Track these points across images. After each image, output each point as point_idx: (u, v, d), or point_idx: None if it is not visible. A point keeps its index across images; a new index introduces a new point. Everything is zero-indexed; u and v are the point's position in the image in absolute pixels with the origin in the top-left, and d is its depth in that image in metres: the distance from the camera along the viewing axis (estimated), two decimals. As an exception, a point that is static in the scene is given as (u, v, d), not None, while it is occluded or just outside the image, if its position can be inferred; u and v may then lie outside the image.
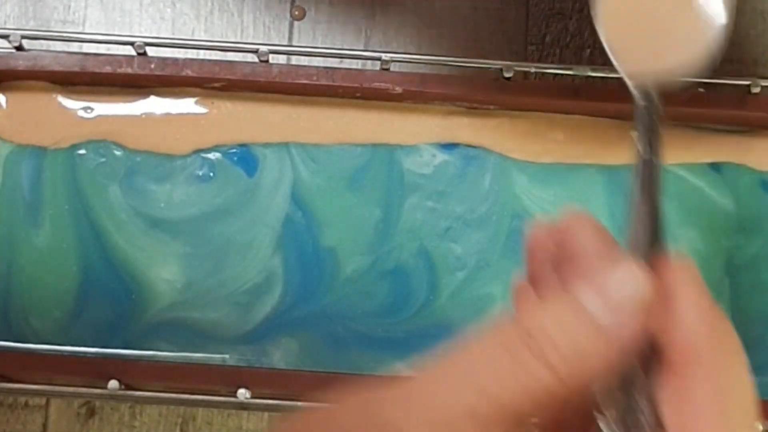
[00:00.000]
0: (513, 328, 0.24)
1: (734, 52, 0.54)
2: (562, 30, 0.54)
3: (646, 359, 0.25)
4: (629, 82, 0.33)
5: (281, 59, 0.49)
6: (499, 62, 0.48)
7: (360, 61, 0.50)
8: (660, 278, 0.25)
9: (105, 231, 0.47)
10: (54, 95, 0.48)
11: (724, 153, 0.49)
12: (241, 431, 0.50)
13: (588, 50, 0.54)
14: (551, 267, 0.28)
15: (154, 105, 0.49)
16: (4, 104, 0.48)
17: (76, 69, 0.47)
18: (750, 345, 0.47)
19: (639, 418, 0.24)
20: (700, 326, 0.24)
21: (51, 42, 0.50)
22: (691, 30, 0.34)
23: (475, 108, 0.49)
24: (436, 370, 0.24)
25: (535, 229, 0.29)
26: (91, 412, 0.50)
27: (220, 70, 0.47)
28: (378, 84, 0.47)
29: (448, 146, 0.49)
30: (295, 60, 0.50)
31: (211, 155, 0.49)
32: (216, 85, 0.48)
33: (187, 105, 0.49)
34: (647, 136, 0.30)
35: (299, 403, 0.45)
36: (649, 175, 0.28)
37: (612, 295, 0.24)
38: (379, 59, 0.47)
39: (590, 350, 0.23)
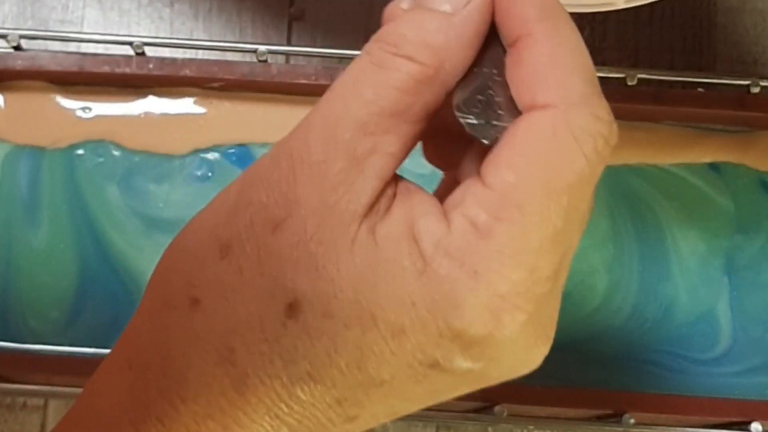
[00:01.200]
0: (373, 43, 0.26)
1: (734, 52, 0.54)
2: (561, 29, 0.54)
3: (491, 51, 0.26)
4: None
5: (280, 59, 0.49)
6: (499, 62, 0.48)
7: (359, 61, 0.50)
8: None
9: (103, 231, 0.47)
10: (52, 95, 0.48)
11: (724, 153, 0.49)
12: None
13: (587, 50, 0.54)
14: None
15: (153, 105, 0.49)
16: (2, 104, 0.48)
17: (75, 69, 0.47)
18: (750, 345, 0.47)
19: (495, 106, 0.26)
20: (526, 3, 0.26)
21: (49, 42, 0.50)
22: None
23: (475, 108, 0.49)
24: (327, 94, 0.25)
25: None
26: (90, 413, 0.49)
27: (218, 70, 0.47)
28: (377, 84, 0.47)
29: (447, 146, 0.49)
30: (293, 60, 0.50)
31: (210, 155, 0.48)
32: (214, 85, 0.48)
33: (185, 105, 0.49)
34: None
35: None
36: None
37: None
38: (378, 59, 0.47)
39: (442, 40, 0.25)
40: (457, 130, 0.26)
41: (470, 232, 0.24)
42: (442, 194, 0.27)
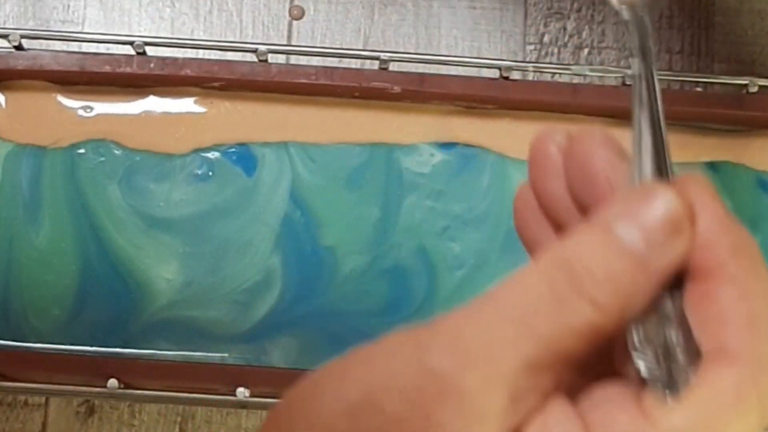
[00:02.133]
0: (551, 262, 0.23)
1: (732, 52, 0.54)
2: (560, 30, 0.54)
3: (674, 284, 0.23)
4: (615, 2, 0.30)
5: (280, 59, 0.49)
6: (498, 62, 0.48)
7: (359, 61, 0.51)
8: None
9: (104, 230, 0.48)
10: (53, 95, 0.49)
11: (721, 152, 0.49)
12: (240, 430, 0.50)
13: (586, 50, 0.54)
14: (562, 189, 0.26)
15: (154, 104, 0.49)
16: (3, 104, 0.49)
17: (76, 68, 0.47)
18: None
19: (674, 349, 0.23)
20: (720, 235, 0.23)
21: (50, 42, 0.50)
22: None
23: (474, 107, 0.49)
24: (480, 310, 0.23)
25: (539, 144, 0.27)
26: (91, 411, 0.50)
27: (219, 70, 0.47)
28: (377, 83, 0.48)
29: (447, 145, 0.49)
30: (294, 59, 0.50)
31: (210, 154, 0.49)
32: (215, 84, 0.48)
33: (186, 104, 0.49)
34: (639, 52, 0.28)
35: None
36: (647, 91, 0.27)
37: (647, 221, 0.23)
38: (377, 59, 0.48)
39: (630, 282, 0.22)
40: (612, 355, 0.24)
41: None
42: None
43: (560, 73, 0.49)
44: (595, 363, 0.24)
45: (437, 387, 0.22)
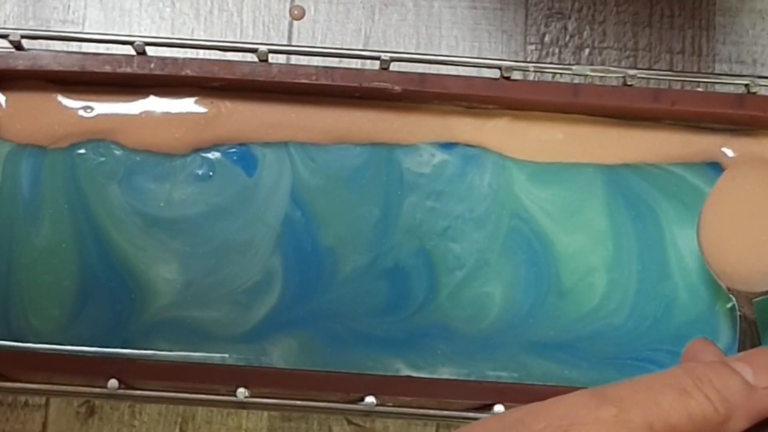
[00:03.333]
0: (684, 371, 0.32)
1: (733, 52, 0.54)
2: (561, 30, 0.54)
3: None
4: (731, 294, 0.44)
5: (281, 59, 0.49)
6: (499, 62, 0.48)
7: (359, 61, 0.50)
8: None
9: (104, 230, 0.47)
10: (53, 94, 0.48)
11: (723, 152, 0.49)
12: (240, 430, 0.50)
13: (587, 50, 0.54)
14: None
15: (154, 104, 0.49)
16: (3, 103, 0.48)
17: (76, 68, 0.47)
18: (749, 344, 0.47)
19: None
20: None
21: (51, 41, 0.50)
22: None
23: (474, 107, 0.49)
24: (629, 386, 0.31)
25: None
26: (91, 411, 0.50)
27: (219, 70, 0.47)
28: (377, 83, 0.48)
29: (447, 145, 0.49)
30: (294, 59, 0.50)
31: (211, 155, 0.49)
32: (215, 84, 0.48)
33: (186, 104, 0.49)
34: (745, 343, 0.43)
35: (298, 402, 0.45)
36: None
37: (764, 367, 0.32)
38: (378, 58, 0.48)
39: (737, 401, 0.31)
40: None
41: None
42: None
43: (561, 73, 0.49)
44: None
45: (571, 419, 0.30)
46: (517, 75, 0.48)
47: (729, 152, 0.49)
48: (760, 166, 0.47)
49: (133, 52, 0.47)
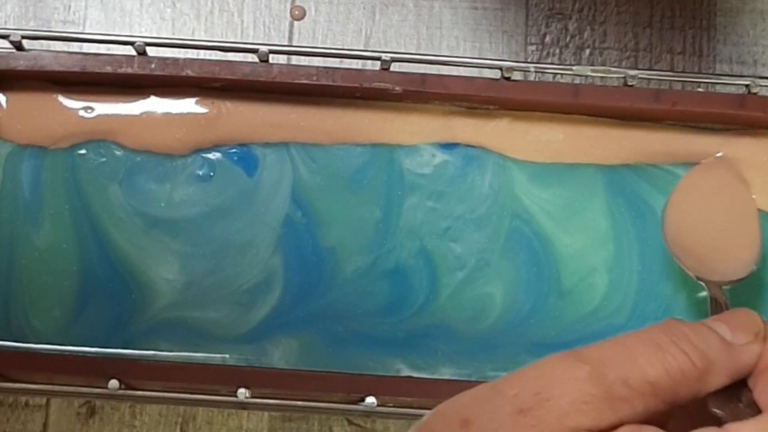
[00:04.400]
0: (658, 329, 0.31)
1: (734, 52, 0.54)
2: (562, 30, 0.54)
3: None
4: (700, 283, 0.44)
5: (281, 59, 0.49)
6: (499, 62, 0.48)
7: (360, 61, 0.50)
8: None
9: (105, 231, 0.47)
10: (54, 95, 0.48)
11: (723, 153, 0.49)
12: (241, 431, 0.50)
13: (588, 50, 0.54)
14: None
15: (154, 105, 0.49)
16: (4, 104, 0.48)
17: (77, 69, 0.47)
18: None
19: (744, 410, 0.32)
20: None
21: (51, 42, 0.50)
22: (746, 237, 0.45)
23: (475, 108, 0.49)
24: (604, 346, 0.31)
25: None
26: (92, 412, 0.50)
27: (220, 70, 0.47)
28: (378, 84, 0.48)
29: (448, 146, 0.49)
30: (295, 60, 0.50)
31: (211, 155, 0.49)
32: (216, 85, 0.48)
33: (187, 105, 0.49)
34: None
35: (299, 403, 0.45)
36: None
37: (740, 325, 0.32)
38: (379, 59, 0.48)
39: (715, 356, 0.31)
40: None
41: None
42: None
43: (562, 74, 0.49)
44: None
45: (549, 371, 0.30)
46: (517, 75, 0.48)
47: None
48: (722, 164, 0.48)
49: (134, 53, 0.47)
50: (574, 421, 0.29)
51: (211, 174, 0.48)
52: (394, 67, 0.48)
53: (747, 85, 0.48)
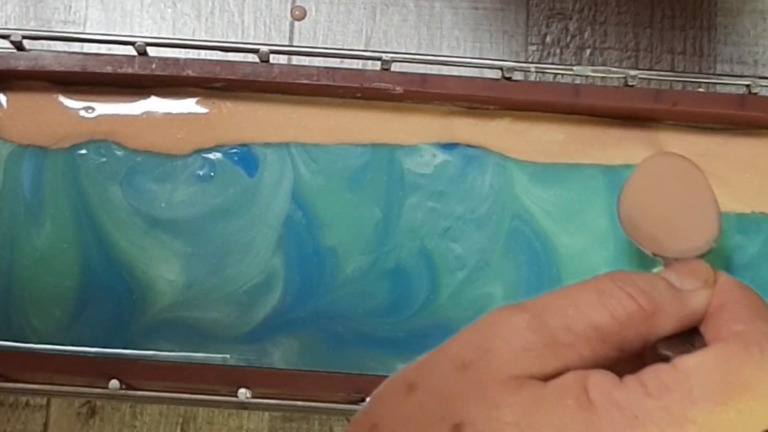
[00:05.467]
0: (603, 276, 0.31)
1: (734, 52, 0.54)
2: (562, 30, 0.54)
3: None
4: (657, 258, 0.43)
5: (282, 59, 0.49)
6: (500, 62, 0.48)
7: (360, 61, 0.51)
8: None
9: (106, 231, 0.47)
10: (55, 95, 0.49)
11: (724, 153, 0.49)
12: (241, 431, 0.50)
13: (588, 50, 0.54)
14: None
15: (155, 105, 0.49)
16: (4, 104, 0.49)
17: (77, 69, 0.47)
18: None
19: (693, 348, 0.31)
20: (735, 286, 0.33)
21: (52, 42, 0.50)
22: (702, 216, 0.44)
23: (476, 108, 0.49)
24: (547, 295, 0.30)
25: None
26: (92, 412, 0.50)
27: (220, 70, 0.47)
28: (378, 84, 0.48)
29: (449, 146, 0.49)
30: (295, 60, 0.50)
31: (212, 155, 0.49)
32: (217, 85, 0.48)
33: (187, 105, 0.49)
34: None
35: (300, 403, 0.45)
36: None
37: (688, 273, 0.32)
38: (379, 59, 0.48)
39: (661, 299, 0.31)
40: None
41: (640, 391, 0.28)
42: None
43: (562, 74, 0.49)
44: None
45: (490, 324, 0.30)
46: (518, 75, 0.48)
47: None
48: (671, 155, 0.47)
49: (135, 53, 0.47)
50: (517, 369, 0.28)
51: (212, 174, 0.48)
52: (395, 67, 0.48)
53: (747, 86, 0.48)
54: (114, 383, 0.44)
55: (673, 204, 0.45)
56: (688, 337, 0.31)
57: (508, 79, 0.48)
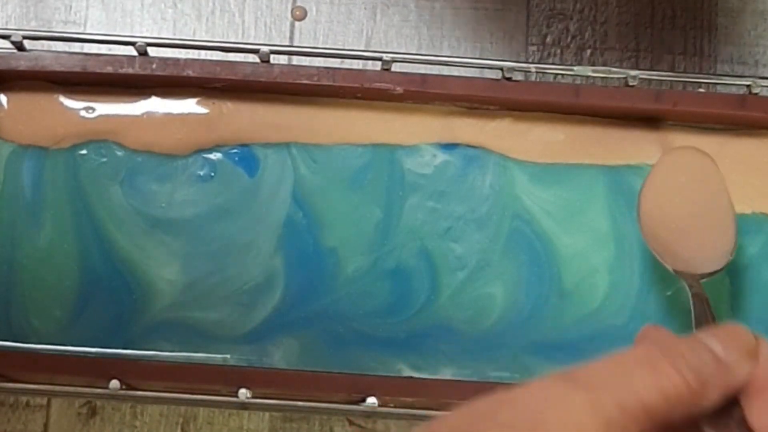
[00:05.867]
0: (654, 346, 0.31)
1: (735, 53, 0.54)
2: (563, 30, 0.54)
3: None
4: (678, 276, 0.44)
5: (282, 59, 0.49)
6: (500, 62, 0.48)
7: (361, 61, 0.50)
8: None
9: (106, 231, 0.48)
10: (55, 95, 0.49)
11: (724, 153, 0.49)
12: (242, 431, 0.50)
13: (589, 50, 0.54)
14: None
15: (156, 105, 0.49)
16: (5, 104, 0.49)
17: (78, 69, 0.47)
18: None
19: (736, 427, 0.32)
20: None
21: (52, 42, 0.50)
22: (721, 228, 0.45)
23: (476, 108, 0.49)
24: (599, 367, 0.30)
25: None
26: (93, 412, 0.50)
27: (221, 71, 0.47)
28: (379, 84, 0.48)
29: (449, 146, 0.49)
30: (296, 60, 0.50)
31: (212, 155, 0.49)
32: (217, 85, 0.48)
33: (188, 105, 0.49)
34: (700, 318, 0.42)
35: (300, 403, 0.45)
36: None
37: (732, 342, 0.32)
38: (380, 59, 0.48)
39: (712, 374, 0.31)
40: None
41: None
42: None
43: (563, 74, 0.49)
44: None
45: (542, 396, 0.30)
46: (518, 76, 0.48)
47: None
48: (693, 151, 0.47)
49: (135, 53, 0.47)
50: None
51: (212, 174, 0.48)
52: (395, 67, 0.48)
53: (748, 86, 0.48)
54: (114, 383, 0.44)
55: (692, 210, 0.45)
56: (728, 408, 0.32)
57: (509, 79, 0.48)
